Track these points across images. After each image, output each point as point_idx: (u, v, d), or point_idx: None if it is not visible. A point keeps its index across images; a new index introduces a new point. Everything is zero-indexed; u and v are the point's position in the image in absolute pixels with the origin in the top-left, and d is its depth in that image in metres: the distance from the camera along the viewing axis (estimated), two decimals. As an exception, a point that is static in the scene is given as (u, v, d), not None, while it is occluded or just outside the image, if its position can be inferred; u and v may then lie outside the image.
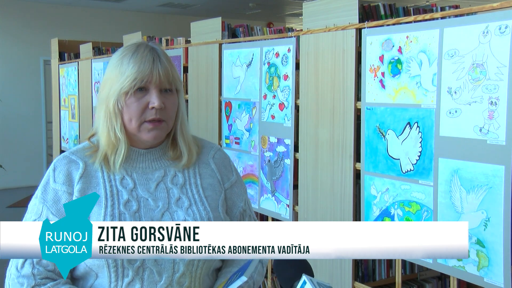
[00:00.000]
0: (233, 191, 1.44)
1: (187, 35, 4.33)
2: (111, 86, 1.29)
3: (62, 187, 1.30)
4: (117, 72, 1.29)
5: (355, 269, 2.74)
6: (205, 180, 1.39)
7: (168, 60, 1.32)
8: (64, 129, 6.47)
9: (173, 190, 1.34)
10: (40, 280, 1.24)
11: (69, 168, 1.31)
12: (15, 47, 8.89)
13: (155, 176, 1.34)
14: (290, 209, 3.09)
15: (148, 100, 1.28)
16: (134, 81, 1.26)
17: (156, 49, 1.31)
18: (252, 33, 4.24)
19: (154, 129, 1.30)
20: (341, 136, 2.74)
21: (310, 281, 1.10)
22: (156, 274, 1.26)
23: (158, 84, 1.28)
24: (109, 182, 1.31)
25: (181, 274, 1.28)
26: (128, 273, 1.25)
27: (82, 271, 1.29)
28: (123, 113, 1.29)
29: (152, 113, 1.28)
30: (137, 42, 1.33)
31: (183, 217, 1.31)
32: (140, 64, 1.27)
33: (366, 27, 2.58)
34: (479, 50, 2.06)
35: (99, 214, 1.26)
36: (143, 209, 1.29)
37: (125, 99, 1.28)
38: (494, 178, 2.03)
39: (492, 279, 2.05)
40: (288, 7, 9.85)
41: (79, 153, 1.34)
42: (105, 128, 1.31)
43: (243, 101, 3.41)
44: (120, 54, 1.32)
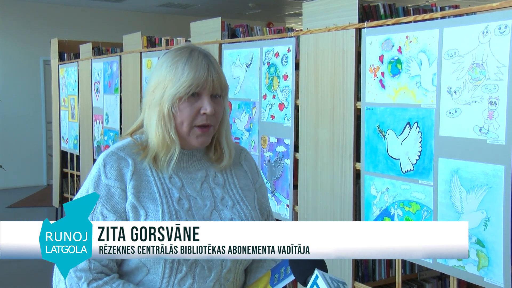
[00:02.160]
0: (262, 192, 1.50)
1: (187, 35, 4.33)
2: (165, 90, 1.32)
3: (115, 183, 1.30)
4: (171, 76, 1.32)
5: (355, 269, 2.74)
6: (241, 181, 1.45)
7: (219, 67, 1.37)
8: (64, 129, 6.47)
9: (216, 189, 1.39)
10: (96, 275, 1.25)
11: (120, 165, 1.32)
12: (15, 47, 8.89)
13: (198, 176, 1.39)
14: (290, 209, 3.09)
15: (200, 105, 1.32)
16: (189, 88, 1.30)
17: (209, 56, 1.36)
18: (252, 33, 4.24)
19: (202, 135, 1.34)
20: (341, 136, 2.74)
21: (322, 276, 1.10)
22: (206, 270, 1.29)
23: (211, 90, 1.33)
24: (159, 180, 1.33)
25: (228, 270, 1.32)
26: (182, 268, 1.27)
27: (133, 266, 1.29)
28: (176, 116, 1.33)
29: (203, 119, 1.32)
30: (188, 46, 1.37)
31: (229, 215, 1.35)
32: (196, 71, 1.31)
33: (366, 27, 2.58)
34: (479, 50, 2.06)
35: (157, 211, 1.28)
36: (194, 207, 1.33)
37: (179, 104, 1.31)
38: (494, 178, 2.03)
39: (492, 279, 2.05)
40: (288, 7, 9.85)
41: (126, 150, 1.36)
42: (159, 130, 1.33)
43: (243, 101, 3.41)
44: (173, 58, 1.34)
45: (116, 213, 1.28)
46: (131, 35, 4.95)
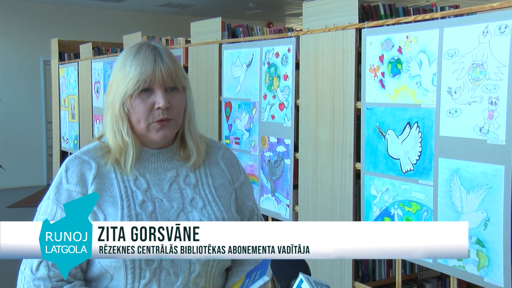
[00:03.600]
0: (242, 190, 1.44)
1: (187, 35, 4.33)
2: (116, 89, 1.29)
3: (76, 187, 1.28)
4: (121, 75, 1.28)
5: (355, 269, 2.74)
6: (216, 180, 1.39)
7: (171, 58, 1.31)
8: (64, 129, 6.47)
9: (186, 190, 1.33)
10: (56, 283, 1.22)
11: (82, 169, 1.29)
12: (15, 47, 8.88)
13: (167, 177, 1.34)
14: (290, 209, 3.08)
15: (154, 100, 1.27)
16: (137, 83, 1.25)
17: (158, 48, 1.30)
18: (252, 33, 4.24)
19: (162, 128, 1.29)
20: (341, 136, 2.74)
21: (307, 280, 1.09)
22: (172, 275, 1.25)
23: (162, 83, 1.27)
24: (123, 183, 1.30)
25: (197, 274, 1.28)
26: (145, 274, 1.23)
27: (97, 272, 1.27)
28: (131, 115, 1.29)
29: (159, 113, 1.27)
30: (139, 43, 1.32)
31: (198, 217, 1.30)
32: (143, 65, 1.26)
33: (366, 27, 2.58)
34: (479, 50, 2.06)
35: (116, 215, 1.25)
36: (159, 210, 1.28)
37: (131, 102, 1.27)
38: (494, 178, 2.03)
39: (492, 279, 2.05)
40: (288, 7, 9.85)
41: (91, 153, 1.33)
42: (111, 132, 1.30)
43: (243, 101, 3.41)
44: (123, 56, 1.31)
45: None
46: (131, 35, 4.95)
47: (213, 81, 3.74)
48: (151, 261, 1.23)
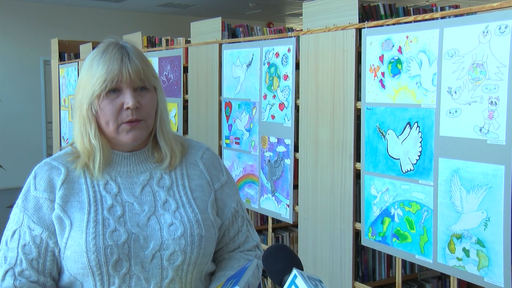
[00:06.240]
0: (224, 192, 1.39)
1: (187, 35, 4.33)
2: (84, 90, 1.24)
3: (44, 194, 1.25)
4: (88, 75, 1.24)
5: (355, 269, 2.74)
6: (193, 181, 1.34)
7: (140, 57, 1.27)
8: (64, 129, 6.47)
9: (160, 193, 1.29)
10: None
11: (51, 175, 1.26)
12: (15, 47, 8.89)
13: (140, 180, 1.30)
14: (290, 209, 3.09)
15: (122, 100, 1.23)
16: (104, 83, 1.21)
17: (126, 47, 1.27)
18: (252, 33, 4.24)
19: (132, 129, 1.24)
20: (341, 136, 2.74)
21: (300, 275, 1.07)
22: (143, 281, 1.22)
23: (130, 83, 1.23)
24: (92, 187, 1.26)
25: (170, 280, 1.24)
26: (114, 281, 1.20)
27: (67, 280, 1.24)
28: (99, 117, 1.24)
29: (128, 114, 1.23)
30: (107, 42, 1.29)
31: (170, 220, 1.26)
32: (109, 64, 1.22)
33: (366, 27, 2.58)
34: (479, 50, 2.06)
35: (82, 220, 1.22)
36: (128, 214, 1.25)
37: (99, 103, 1.23)
38: (494, 178, 2.03)
39: (492, 279, 2.05)
40: (288, 7, 9.85)
41: (60, 159, 1.30)
42: (79, 135, 1.27)
43: (243, 101, 3.41)
44: (91, 56, 1.27)
45: (43, 225, 1.23)
46: (131, 35, 4.95)
47: (213, 81, 3.74)
48: (119, 267, 1.20)
